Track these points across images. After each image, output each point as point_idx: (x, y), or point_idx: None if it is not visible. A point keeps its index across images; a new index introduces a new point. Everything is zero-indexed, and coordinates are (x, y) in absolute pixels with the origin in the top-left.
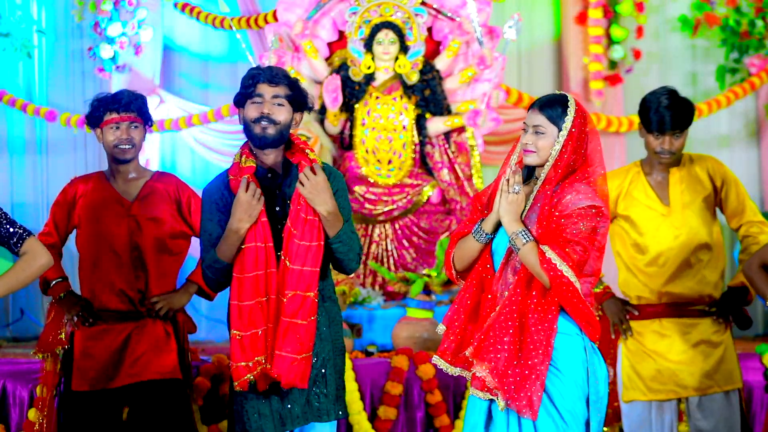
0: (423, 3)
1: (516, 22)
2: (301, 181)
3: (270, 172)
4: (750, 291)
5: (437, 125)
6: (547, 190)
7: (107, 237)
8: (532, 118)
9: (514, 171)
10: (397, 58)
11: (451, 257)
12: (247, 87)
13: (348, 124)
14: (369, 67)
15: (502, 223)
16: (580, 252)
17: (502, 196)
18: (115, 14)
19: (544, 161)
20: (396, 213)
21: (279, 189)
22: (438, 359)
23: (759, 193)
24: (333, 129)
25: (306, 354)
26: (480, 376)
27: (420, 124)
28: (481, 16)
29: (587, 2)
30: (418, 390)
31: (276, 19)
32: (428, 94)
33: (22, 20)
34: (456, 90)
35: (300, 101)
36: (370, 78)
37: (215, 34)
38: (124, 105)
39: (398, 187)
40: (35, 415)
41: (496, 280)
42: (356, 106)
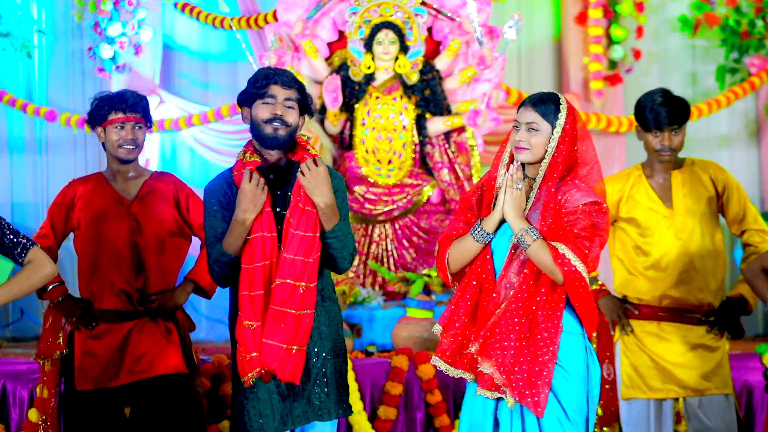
0: (423, 3)
1: (516, 22)
2: (302, 170)
3: (273, 172)
4: (749, 303)
5: (437, 125)
6: (550, 187)
7: (108, 237)
8: (525, 115)
9: (517, 168)
10: (397, 58)
11: (446, 259)
12: (259, 87)
13: (348, 124)
14: (369, 67)
15: (505, 221)
16: (589, 247)
17: (507, 193)
18: (115, 14)
19: (537, 158)
20: (396, 213)
21: (281, 189)
22: (438, 360)
23: (759, 193)
24: (333, 129)
25: (296, 347)
26: (487, 372)
27: (420, 124)
28: (481, 16)
29: (587, 2)
30: (418, 390)
31: (276, 19)
32: (428, 94)
33: (22, 20)
34: (456, 90)
35: (306, 105)
36: (370, 78)
37: (215, 34)
38: (131, 105)
39: (398, 187)
40: (35, 416)
41: (499, 279)
42: (356, 106)
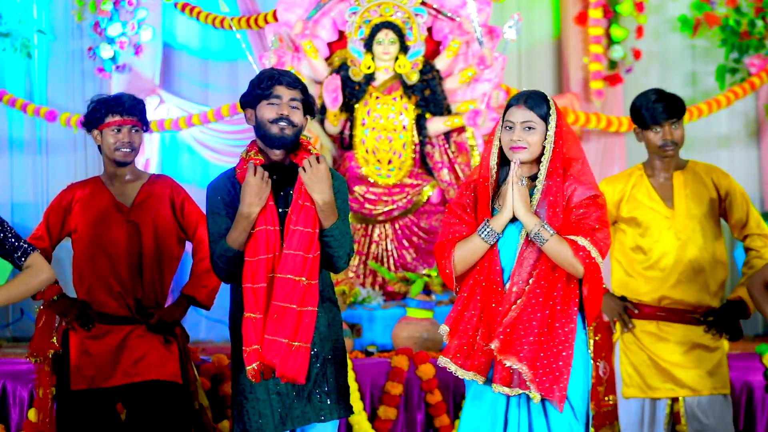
0: (423, 3)
1: (516, 22)
2: (303, 166)
3: (276, 171)
4: (749, 306)
5: (437, 125)
6: (554, 184)
7: (106, 242)
8: (520, 114)
9: (518, 166)
10: (397, 58)
11: (452, 263)
12: (264, 88)
13: (348, 124)
14: (369, 67)
15: (515, 219)
16: (603, 239)
17: (515, 190)
18: (115, 14)
19: (534, 157)
20: (396, 213)
21: (283, 189)
22: (448, 362)
23: (759, 193)
24: (333, 129)
25: (300, 343)
26: (516, 368)
27: (420, 124)
28: (481, 16)
29: (587, 2)
30: (418, 390)
31: (276, 19)
32: (428, 94)
33: (22, 20)
34: (456, 90)
35: (310, 107)
36: (370, 78)
37: (215, 34)
38: (128, 108)
39: (398, 187)
40: (35, 416)
41: (510, 277)
42: (356, 106)
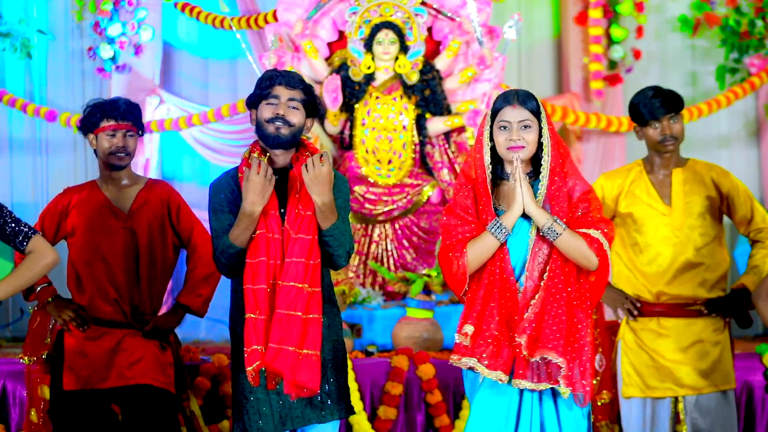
0: (423, 3)
1: (516, 22)
2: (305, 166)
3: (279, 173)
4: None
5: (437, 125)
6: (561, 178)
7: (103, 248)
8: (516, 113)
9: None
10: (397, 58)
11: (466, 261)
12: (263, 88)
13: (348, 124)
14: (369, 67)
15: (526, 215)
16: (610, 230)
17: (523, 186)
18: (115, 14)
19: (532, 155)
20: (396, 213)
21: (286, 195)
22: (477, 364)
23: (759, 193)
24: (333, 129)
25: (308, 351)
26: (556, 362)
27: (420, 124)
28: (481, 16)
29: (587, 2)
30: (418, 390)
31: (276, 19)
32: (428, 94)
33: (22, 20)
34: (456, 90)
35: (313, 107)
36: (370, 78)
37: (215, 34)
38: (123, 113)
39: (398, 187)
40: (36, 415)
41: (527, 271)
42: (356, 106)
